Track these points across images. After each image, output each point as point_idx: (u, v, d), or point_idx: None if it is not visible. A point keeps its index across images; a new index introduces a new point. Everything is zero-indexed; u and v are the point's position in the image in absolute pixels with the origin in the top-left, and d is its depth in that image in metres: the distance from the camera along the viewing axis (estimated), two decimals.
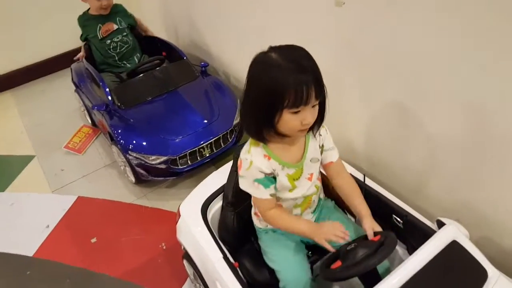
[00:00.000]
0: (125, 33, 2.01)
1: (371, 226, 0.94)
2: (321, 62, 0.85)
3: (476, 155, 1.03)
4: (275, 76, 0.81)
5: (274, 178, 0.95)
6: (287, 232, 1.03)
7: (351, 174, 1.08)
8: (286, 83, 0.80)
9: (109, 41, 1.97)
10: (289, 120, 0.85)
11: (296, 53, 0.84)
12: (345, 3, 1.18)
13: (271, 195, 0.95)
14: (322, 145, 1.02)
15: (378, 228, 0.94)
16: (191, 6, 2.07)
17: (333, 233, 0.89)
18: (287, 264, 1.03)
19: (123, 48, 2.01)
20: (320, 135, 1.00)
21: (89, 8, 1.96)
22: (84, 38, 1.99)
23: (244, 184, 0.97)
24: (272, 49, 0.85)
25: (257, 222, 1.14)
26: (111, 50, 1.99)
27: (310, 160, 0.99)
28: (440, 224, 1.01)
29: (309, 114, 0.85)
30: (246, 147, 0.97)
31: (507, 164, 0.97)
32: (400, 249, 1.13)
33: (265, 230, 1.11)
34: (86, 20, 1.94)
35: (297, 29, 1.44)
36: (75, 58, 2.10)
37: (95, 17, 1.94)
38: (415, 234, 1.06)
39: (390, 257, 1.08)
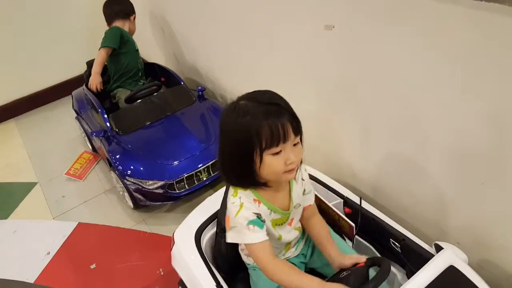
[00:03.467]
0: None
1: (356, 256, 0.92)
2: (316, 88, 0.84)
3: (475, 178, 1.01)
4: (246, 121, 0.79)
5: (263, 222, 0.91)
6: None
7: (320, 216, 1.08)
8: (259, 124, 0.78)
9: (140, 55, 2.08)
10: (271, 163, 0.81)
11: (263, 95, 0.83)
12: (335, 27, 1.19)
13: (267, 236, 0.89)
14: (304, 190, 1.00)
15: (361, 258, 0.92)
16: (188, 32, 2.11)
17: None
18: None
19: (143, 66, 2.11)
20: (303, 179, 0.98)
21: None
22: (111, 43, 1.93)
23: (235, 235, 0.88)
24: (239, 98, 0.85)
25: (245, 258, 1.11)
26: (140, 64, 2.09)
27: (294, 207, 0.98)
28: (438, 248, 0.98)
29: (291, 153, 0.81)
30: (230, 192, 0.91)
31: (505, 186, 0.95)
32: (399, 273, 1.10)
33: (253, 267, 1.08)
34: (124, 33, 1.98)
35: (290, 54, 1.45)
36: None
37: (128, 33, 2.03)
38: (413, 259, 1.03)
39: (389, 283, 1.06)
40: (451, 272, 0.89)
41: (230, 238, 0.90)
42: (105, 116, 1.81)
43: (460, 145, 1.00)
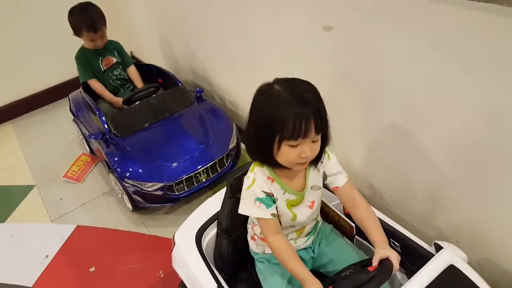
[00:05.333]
0: (122, 66, 2.06)
1: (382, 253, 0.88)
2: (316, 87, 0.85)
3: (475, 177, 1.02)
4: (274, 107, 0.81)
5: (274, 201, 0.94)
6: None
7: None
8: (284, 115, 0.80)
9: (110, 73, 2.01)
10: (287, 153, 0.84)
11: (299, 86, 0.84)
12: (333, 28, 1.19)
13: (272, 214, 0.93)
14: (324, 172, 1.00)
15: (393, 254, 0.87)
16: (186, 33, 2.11)
17: None
18: None
19: (123, 81, 2.06)
20: (321, 162, 0.98)
21: (82, 45, 1.98)
22: (86, 77, 1.96)
23: (245, 207, 0.94)
24: (276, 80, 0.86)
25: (253, 247, 1.12)
26: (114, 81, 2.03)
27: (311, 188, 0.98)
28: (438, 248, 0.99)
29: (307, 148, 0.83)
30: (250, 168, 0.97)
31: (505, 185, 0.96)
32: (399, 273, 1.10)
33: (261, 259, 1.09)
34: (85, 56, 1.95)
35: (289, 55, 1.46)
36: None
37: (93, 52, 1.96)
38: (413, 258, 1.03)
39: (390, 283, 1.06)
40: (451, 272, 0.89)
41: (241, 208, 0.95)
42: (103, 118, 1.81)
43: (460, 143, 1.01)
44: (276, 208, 0.94)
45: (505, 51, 0.81)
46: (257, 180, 0.92)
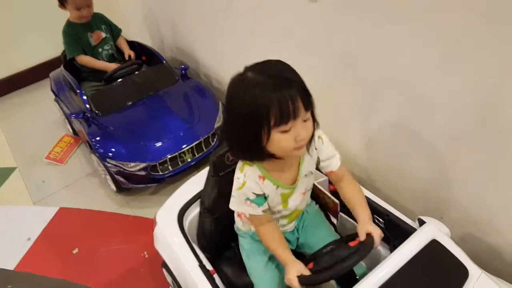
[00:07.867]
0: (111, 42, 1.99)
1: (364, 230, 0.86)
2: (304, 64, 0.81)
3: (461, 154, 1.01)
4: (254, 95, 0.74)
5: (265, 198, 0.91)
6: None
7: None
8: (268, 100, 0.73)
9: (100, 49, 1.94)
10: (280, 140, 0.77)
11: (273, 67, 0.78)
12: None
13: (263, 211, 0.91)
14: (318, 157, 0.95)
15: (374, 231, 0.85)
16: (172, 9, 2.05)
17: (291, 283, 0.84)
18: (264, 279, 1.00)
19: (112, 57, 1.99)
20: (315, 148, 0.93)
21: (68, 19, 1.89)
22: (74, 52, 1.88)
23: (235, 204, 0.93)
24: (247, 68, 0.79)
25: (239, 224, 1.10)
26: (104, 57, 1.96)
27: (305, 175, 0.94)
28: (422, 223, 0.98)
29: (302, 130, 0.77)
30: (239, 165, 0.91)
31: (490, 163, 0.95)
32: (383, 249, 1.10)
33: (244, 235, 1.08)
34: (74, 30, 1.86)
35: (277, 30, 1.41)
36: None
37: (81, 26, 1.87)
38: (397, 234, 1.03)
39: (374, 258, 1.06)
40: (434, 246, 0.89)
41: (231, 205, 0.94)
42: (84, 97, 1.75)
43: (457, 124, 0.98)
44: (268, 203, 0.92)
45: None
46: (247, 182, 0.87)
